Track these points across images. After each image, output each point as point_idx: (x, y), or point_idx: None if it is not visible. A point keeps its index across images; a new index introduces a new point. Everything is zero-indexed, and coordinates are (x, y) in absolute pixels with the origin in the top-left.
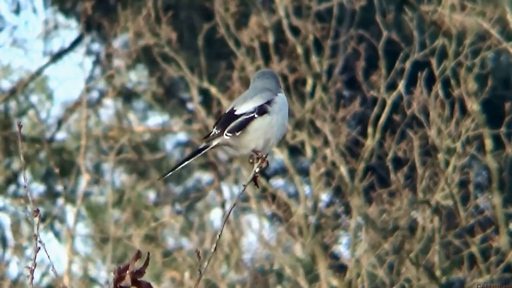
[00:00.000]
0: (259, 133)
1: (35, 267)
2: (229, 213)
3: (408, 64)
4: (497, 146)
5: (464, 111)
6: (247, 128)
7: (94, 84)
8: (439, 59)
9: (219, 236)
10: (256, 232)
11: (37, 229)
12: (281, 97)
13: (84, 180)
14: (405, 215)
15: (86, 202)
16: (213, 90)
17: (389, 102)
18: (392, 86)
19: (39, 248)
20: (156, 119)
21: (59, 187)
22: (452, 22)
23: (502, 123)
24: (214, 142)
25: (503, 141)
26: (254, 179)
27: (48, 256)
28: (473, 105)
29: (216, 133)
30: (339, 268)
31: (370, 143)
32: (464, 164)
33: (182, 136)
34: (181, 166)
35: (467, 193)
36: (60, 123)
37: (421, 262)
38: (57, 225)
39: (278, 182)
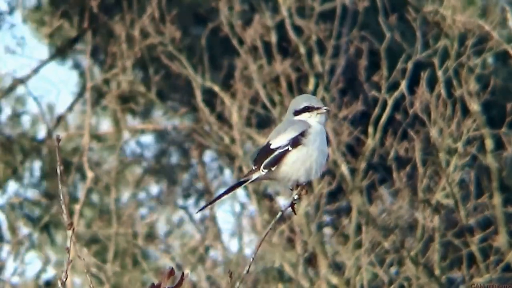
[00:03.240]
0: (298, 164)
1: (66, 279)
2: (264, 238)
3: (410, 65)
4: (497, 147)
5: (466, 111)
6: (284, 161)
7: (93, 84)
8: (441, 60)
9: (253, 258)
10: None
11: (71, 242)
12: (314, 127)
13: (88, 179)
14: (406, 214)
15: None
16: (216, 88)
17: (390, 102)
18: (393, 87)
19: (71, 260)
20: (151, 120)
21: (59, 187)
22: (455, 24)
23: (503, 123)
24: (253, 177)
25: (503, 142)
26: (292, 206)
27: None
28: (474, 106)
29: (254, 168)
30: (338, 267)
31: (370, 142)
32: (464, 164)
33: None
34: (220, 199)
35: (467, 193)
36: (58, 122)
37: (421, 260)
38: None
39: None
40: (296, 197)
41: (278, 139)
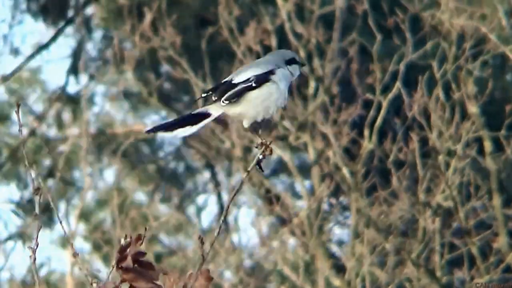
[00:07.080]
0: (258, 101)
1: (37, 246)
2: (234, 194)
3: (402, 66)
4: (497, 148)
5: (464, 114)
6: (245, 97)
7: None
8: (440, 62)
9: (225, 217)
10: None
11: (38, 208)
12: (281, 70)
13: (85, 184)
14: (406, 216)
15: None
16: None
17: (384, 104)
18: (388, 89)
19: (41, 226)
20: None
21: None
22: (453, 26)
23: (502, 125)
24: (214, 112)
25: (503, 143)
26: (259, 164)
27: None
28: (472, 108)
29: (214, 100)
30: (340, 268)
31: (367, 145)
32: (463, 166)
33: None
34: (174, 130)
35: (467, 194)
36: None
37: (422, 262)
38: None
39: (277, 181)
40: (261, 157)
41: (242, 75)
